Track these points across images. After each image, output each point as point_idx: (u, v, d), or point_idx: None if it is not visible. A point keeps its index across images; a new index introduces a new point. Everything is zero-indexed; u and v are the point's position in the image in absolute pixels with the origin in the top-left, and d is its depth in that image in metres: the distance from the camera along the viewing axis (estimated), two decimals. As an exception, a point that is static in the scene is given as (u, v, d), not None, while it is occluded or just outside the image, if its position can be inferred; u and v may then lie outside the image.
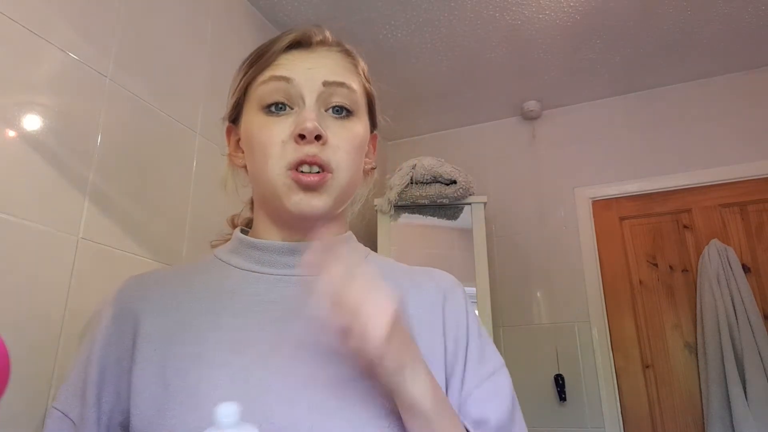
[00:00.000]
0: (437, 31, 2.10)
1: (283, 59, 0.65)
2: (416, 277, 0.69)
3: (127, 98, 1.32)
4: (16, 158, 1.04)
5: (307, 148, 0.60)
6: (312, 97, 0.62)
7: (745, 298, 2.03)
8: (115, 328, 0.62)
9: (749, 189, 2.24)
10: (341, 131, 0.63)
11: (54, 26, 1.15)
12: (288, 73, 0.63)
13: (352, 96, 0.65)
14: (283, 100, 0.63)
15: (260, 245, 0.66)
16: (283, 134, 0.61)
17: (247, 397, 0.52)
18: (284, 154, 0.60)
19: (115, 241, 1.22)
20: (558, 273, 2.41)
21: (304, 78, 0.63)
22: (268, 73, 0.64)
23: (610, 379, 2.20)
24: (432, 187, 2.19)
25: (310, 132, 0.59)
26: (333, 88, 0.63)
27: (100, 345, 0.62)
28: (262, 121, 0.63)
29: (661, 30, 2.10)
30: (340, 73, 0.65)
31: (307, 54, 0.66)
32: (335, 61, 0.67)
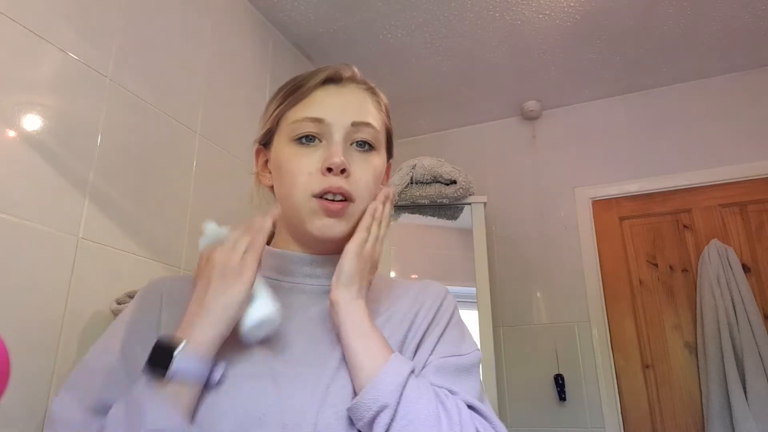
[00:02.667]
0: (437, 31, 2.10)
1: (315, 96, 0.72)
2: (412, 288, 0.77)
3: (127, 98, 1.32)
4: (16, 158, 1.04)
5: (333, 179, 0.67)
6: (340, 134, 0.69)
7: (745, 298, 2.03)
8: (141, 316, 0.68)
9: (749, 189, 2.24)
10: (363, 164, 0.71)
11: (54, 26, 1.15)
12: (321, 115, 0.70)
13: (374, 134, 0.73)
14: (314, 133, 0.70)
15: (279, 254, 0.73)
16: (311, 166, 0.68)
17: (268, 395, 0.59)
18: (311, 184, 0.67)
19: (115, 241, 1.22)
20: (558, 273, 2.41)
21: (334, 118, 0.70)
22: (303, 111, 0.71)
23: (610, 379, 2.20)
24: (432, 187, 2.19)
25: (338, 166, 0.66)
26: (359, 127, 0.71)
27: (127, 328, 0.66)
28: (293, 151, 0.70)
29: (661, 30, 2.10)
30: (367, 113, 0.73)
31: (337, 90, 0.73)
32: (363, 101, 0.74)
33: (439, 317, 0.73)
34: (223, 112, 1.66)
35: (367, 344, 0.62)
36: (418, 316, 0.71)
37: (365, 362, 0.60)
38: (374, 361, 0.60)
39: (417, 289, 0.77)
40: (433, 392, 0.60)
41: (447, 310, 0.75)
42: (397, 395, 0.57)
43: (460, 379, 0.66)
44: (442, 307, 0.74)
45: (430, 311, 0.72)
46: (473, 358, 0.70)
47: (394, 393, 0.57)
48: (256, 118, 1.98)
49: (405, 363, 0.61)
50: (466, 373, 0.67)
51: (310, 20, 2.02)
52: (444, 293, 0.77)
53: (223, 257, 0.62)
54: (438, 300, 0.75)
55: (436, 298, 0.75)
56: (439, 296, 0.76)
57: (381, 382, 0.58)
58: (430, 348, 0.68)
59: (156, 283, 0.73)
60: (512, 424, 2.26)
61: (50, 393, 1.02)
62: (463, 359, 0.68)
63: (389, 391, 0.57)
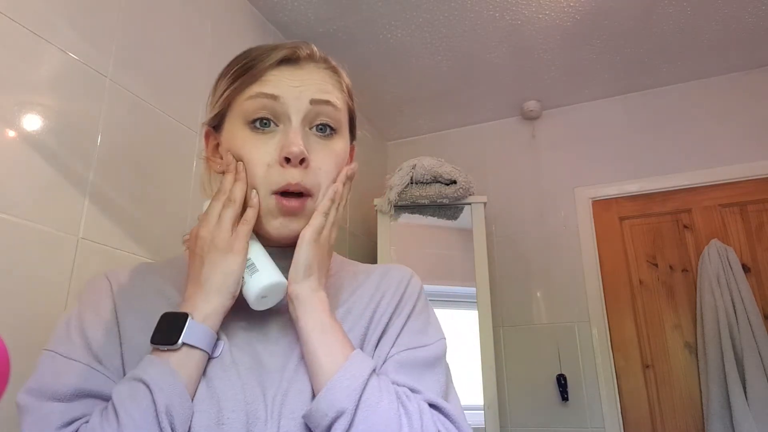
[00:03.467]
0: (437, 31, 2.10)
1: (270, 75, 0.66)
2: (375, 274, 0.74)
3: (127, 98, 1.32)
4: (16, 158, 1.04)
5: (290, 173, 0.62)
6: (298, 116, 0.64)
7: (745, 298, 2.03)
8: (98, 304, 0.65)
9: (749, 189, 2.24)
10: (323, 152, 0.66)
11: (54, 26, 1.15)
12: (276, 91, 0.64)
13: (336, 114, 0.67)
14: (269, 117, 0.64)
15: None
16: (268, 156, 0.63)
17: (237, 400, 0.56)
18: (269, 179, 0.63)
19: (115, 241, 1.22)
20: (558, 273, 2.41)
21: (291, 96, 0.64)
22: (256, 88, 0.65)
23: (610, 379, 2.20)
24: (432, 187, 2.19)
25: (296, 156, 0.61)
26: (319, 107, 0.65)
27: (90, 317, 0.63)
28: (247, 137, 0.65)
29: (661, 30, 2.10)
30: (327, 90, 0.67)
31: (294, 70, 0.67)
32: (322, 78, 0.68)
33: (402, 305, 0.68)
34: (223, 112, 1.66)
35: (327, 341, 0.58)
36: (380, 306, 0.67)
37: (324, 362, 0.56)
38: (333, 360, 0.56)
39: (379, 274, 0.73)
40: (394, 394, 0.56)
41: (411, 296, 0.70)
42: (355, 399, 0.53)
43: (423, 374, 0.62)
44: (406, 294, 0.70)
45: (392, 299, 0.68)
46: (437, 349, 0.66)
47: (352, 397, 0.53)
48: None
49: (365, 362, 0.57)
50: (430, 368, 0.63)
51: (310, 20, 2.02)
52: (408, 278, 0.73)
53: (208, 232, 0.61)
54: (401, 286, 0.71)
55: (399, 285, 0.71)
56: (403, 282, 0.71)
57: (338, 384, 0.54)
58: (391, 340, 0.64)
59: (101, 274, 0.69)
60: (513, 424, 2.26)
61: (50, 393, 1.02)
62: (426, 351, 0.64)
63: (347, 396, 0.53)
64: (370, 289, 0.70)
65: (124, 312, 0.63)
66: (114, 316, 0.63)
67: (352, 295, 0.69)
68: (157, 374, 0.53)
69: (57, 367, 0.59)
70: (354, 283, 0.71)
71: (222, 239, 0.61)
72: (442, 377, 0.64)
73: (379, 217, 2.24)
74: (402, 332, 0.66)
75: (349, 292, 0.70)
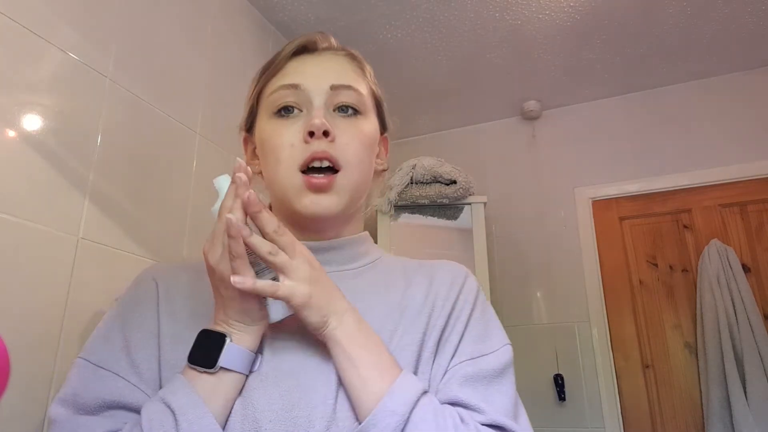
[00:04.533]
0: (437, 31, 2.10)
1: (290, 66, 0.68)
2: (429, 269, 0.70)
3: (127, 98, 1.32)
4: (16, 158, 1.04)
5: (315, 144, 0.61)
6: (320, 99, 0.64)
7: (745, 298, 2.03)
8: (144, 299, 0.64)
9: (749, 189, 2.24)
10: (349, 128, 0.64)
11: (54, 26, 1.15)
12: (296, 80, 0.65)
13: (359, 98, 0.67)
14: (292, 104, 0.65)
15: None
16: (292, 137, 0.63)
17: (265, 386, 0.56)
18: (294, 156, 0.62)
19: (115, 241, 1.22)
20: (558, 273, 2.41)
21: (311, 83, 0.65)
22: (277, 81, 0.67)
23: (610, 379, 2.20)
24: (432, 187, 2.19)
25: (318, 128, 0.61)
26: (340, 91, 0.65)
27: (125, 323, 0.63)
28: (273, 125, 0.65)
29: (661, 30, 2.10)
30: (347, 76, 0.67)
31: (313, 59, 0.68)
32: (342, 65, 0.69)
33: (460, 308, 0.63)
34: (223, 112, 1.66)
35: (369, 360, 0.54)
36: (435, 308, 0.63)
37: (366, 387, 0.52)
38: (376, 385, 0.52)
39: (430, 271, 0.68)
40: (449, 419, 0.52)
41: (468, 298, 0.65)
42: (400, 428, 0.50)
43: (489, 388, 0.58)
44: (462, 295, 0.65)
45: (447, 301, 0.63)
46: (504, 357, 0.61)
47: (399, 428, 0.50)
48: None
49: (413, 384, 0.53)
50: (497, 380, 0.59)
51: (310, 20, 2.02)
52: (463, 277, 0.67)
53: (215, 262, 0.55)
54: (455, 286, 0.65)
55: (453, 284, 0.66)
56: (457, 281, 0.66)
57: (382, 414, 0.50)
58: (452, 349, 0.60)
59: (149, 271, 0.69)
60: (512, 424, 2.26)
61: (50, 393, 1.02)
62: (492, 360, 0.60)
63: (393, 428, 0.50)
64: (422, 287, 0.65)
65: (167, 317, 0.62)
66: (156, 322, 0.62)
67: (405, 294, 0.65)
68: (187, 404, 0.52)
69: (88, 376, 0.58)
70: (403, 279, 0.67)
71: (220, 273, 0.54)
72: (511, 390, 0.60)
73: (379, 217, 2.24)
74: (463, 339, 0.61)
75: (401, 289, 0.66)
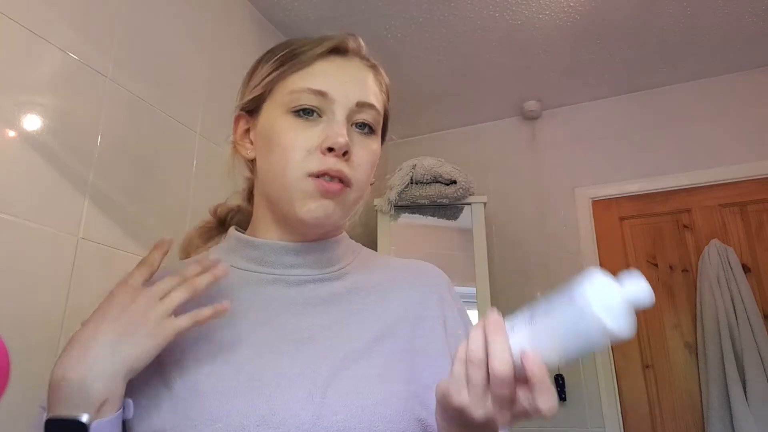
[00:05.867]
0: (437, 31, 2.10)
1: (317, 66, 0.65)
2: (409, 272, 0.72)
3: (127, 98, 1.32)
4: (16, 158, 1.04)
5: (332, 161, 0.61)
6: (343, 113, 0.63)
7: (745, 298, 2.03)
8: None
9: (749, 189, 2.24)
10: (363, 149, 0.64)
11: (54, 26, 1.15)
12: (324, 87, 0.63)
13: (376, 117, 0.67)
14: (314, 107, 0.63)
15: (259, 244, 0.67)
16: (309, 143, 0.62)
17: (249, 390, 0.54)
18: (307, 162, 0.61)
19: (115, 241, 1.22)
20: (558, 273, 2.41)
21: (339, 94, 0.64)
22: (304, 81, 0.64)
23: (610, 379, 2.20)
24: (432, 187, 2.19)
25: (341, 147, 0.60)
26: (364, 109, 0.65)
27: None
28: (289, 124, 0.63)
29: (661, 30, 2.10)
30: (372, 92, 0.67)
31: (342, 64, 0.67)
32: (368, 79, 0.68)
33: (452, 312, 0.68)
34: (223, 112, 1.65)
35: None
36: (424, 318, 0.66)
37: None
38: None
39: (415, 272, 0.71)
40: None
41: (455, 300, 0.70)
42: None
43: None
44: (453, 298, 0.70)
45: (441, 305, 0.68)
46: None
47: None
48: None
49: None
50: None
51: (310, 20, 2.02)
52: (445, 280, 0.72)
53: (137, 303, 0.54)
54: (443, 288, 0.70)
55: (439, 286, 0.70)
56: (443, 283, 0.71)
57: None
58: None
59: None
60: (512, 424, 2.26)
61: (50, 393, 1.02)
62: None
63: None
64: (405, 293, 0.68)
65: None
66: None
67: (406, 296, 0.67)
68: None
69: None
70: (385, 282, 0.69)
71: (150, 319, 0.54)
72: None
73: (379, 217, 2.24)
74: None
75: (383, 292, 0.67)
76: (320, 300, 0.64)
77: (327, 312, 0.63)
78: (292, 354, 0.58)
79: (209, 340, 0.59)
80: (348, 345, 0.59)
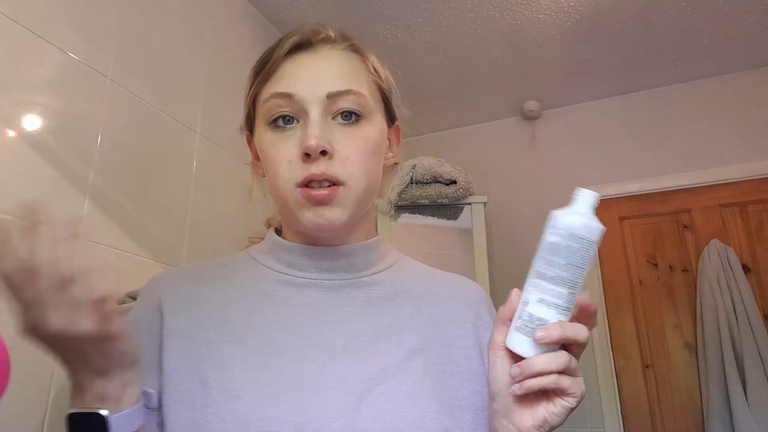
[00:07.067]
0: (437, 31, 2.10)
1: (284, 69, 0.62)
2: (447, 287, 0.72)
3: (127, 98, 1.32)
4: (16, 158, 1.04)
5: (314, 166, 0.58)
6: (316, 110, 0.60)
7: (745, 298, 2.03)
8: (143, 319, 0.62)
9: (749, 189, 2.24)
10: (350, 140, 0.60)
11: (54, 26, 1.15)
12: (289, 89, 0.60)
13: (360, 100, 0.62)
14: (287, 113, 0.61)
15: (291, 248, 0.66)
16: (288, 153, 0.59)
17: (284, 397, 0.54)
18: (292, 173, 0.59)
19: (115, 241, 1.22)
20: (558, 273, 2.41)
21: (305, 91, 0.60)
22: (271, 88, 0.62)
23: (610, 379, 2.20)
24: (432, 187, 2.19)
25: (314, 150, 0.57)
26: (338, 98, 0.61)
27: None
28: (270, 138, 0.62)
29: (661, 30, 2.10)
30: (346, 77, 0.62)
31: (308, 58, 0.63)
32: (339, 64, 0.64)
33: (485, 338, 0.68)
34: (223, 112, 1.66)
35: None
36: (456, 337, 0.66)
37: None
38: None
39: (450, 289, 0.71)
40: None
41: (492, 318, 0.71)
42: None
43: None
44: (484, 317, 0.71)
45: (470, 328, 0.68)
46: None
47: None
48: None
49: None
50: None
51: (310, 20, 2.01)
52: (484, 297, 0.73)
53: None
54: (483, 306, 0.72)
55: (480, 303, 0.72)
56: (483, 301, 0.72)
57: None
58: None
59: (150, 289, 0.64)
60: (512, 424, 2.26)
61: (50, 393, 1.02)
62: None
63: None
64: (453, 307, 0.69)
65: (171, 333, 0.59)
66: (159, 340, 0.59)
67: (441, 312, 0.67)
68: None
69: None
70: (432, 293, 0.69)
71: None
72: None
73: (379, 217, 2.24)
74: None
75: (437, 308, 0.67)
76: (354, 307, 0.63)
77: (360, 320, 0.61)
78: (324, 362, 0.57)
79: (245, 342, 0.59)
80: (382, 359, 0.58)
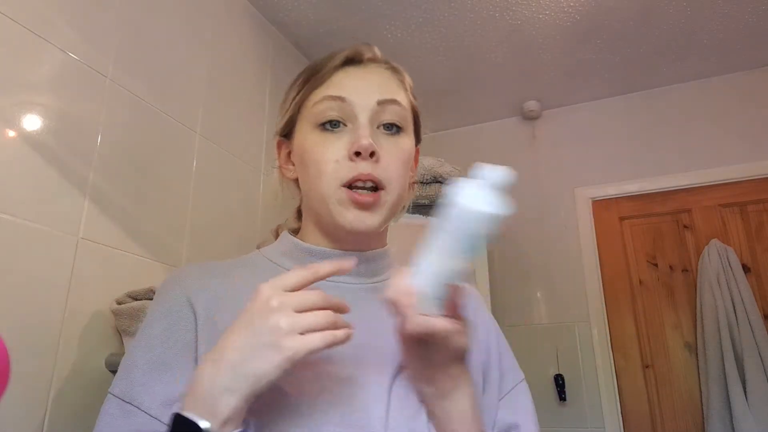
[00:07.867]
0: (437, 31, 2.10)
1: (336, 77, 0.68)
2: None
3: (127, 98, 1.32)
4: (16, 158, 1.04)
5: (361, 165, 0.62)
6: (365, 115, 0.65)
7: (745, 298, 2.03)
8: (172, 314, 0.62)
9: (749, 189, 2.24)
10: (392, 148, 0.65)
11: (54, 26, 1.15)
12: (342, 93, 0.65)
13: (402, 113, 0.68)
14: (337, 118, 0.65)
15: (316, 251, 0.67)
16: (337, 153, 0.63)
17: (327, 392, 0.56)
18: (338, 172, 0.62)
19: (115, 241, 1.22)
20: (558, 273, 2.41)
21: (357, 97, 0.65)
22: (322, 92, 0.67)
23: (610, 379, 2.20)
24: (432, 187, 2.18)
25: (366, 149, 0.61)
26: (386, 106, 0.66)
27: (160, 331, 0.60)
28: (317, 138, 0.65)
29: (661, 30, 2.10)
30: (392, 90, 0.68)
31: (358, 71, 0.69)
32: (386, 79, 0.70)
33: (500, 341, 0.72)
34: (223, 112, 1.66)
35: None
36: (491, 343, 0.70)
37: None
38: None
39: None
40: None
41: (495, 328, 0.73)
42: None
43: (527, 407, 0.68)
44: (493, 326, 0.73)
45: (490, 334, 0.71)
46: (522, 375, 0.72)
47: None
48: (256, 118, 1.97)
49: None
50: (525, 395, 0.70)
51: (310, 20, 2.02)
52: (482, 304, 0.75)
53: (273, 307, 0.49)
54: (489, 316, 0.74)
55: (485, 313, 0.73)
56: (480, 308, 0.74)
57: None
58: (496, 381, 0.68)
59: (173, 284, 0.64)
60: (512, 424, 2.26)
61: (50, 393, 1.02)
62: (523, 382, 0.70)
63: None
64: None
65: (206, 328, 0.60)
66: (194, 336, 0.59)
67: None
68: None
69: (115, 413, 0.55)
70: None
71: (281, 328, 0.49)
72: (532, 404, 0.70)
73: (379, 217, 2.24)
74: (503, 370, 0.70)
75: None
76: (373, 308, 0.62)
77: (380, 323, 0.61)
78: (353, 359, 0.59)
79: None
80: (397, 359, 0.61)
